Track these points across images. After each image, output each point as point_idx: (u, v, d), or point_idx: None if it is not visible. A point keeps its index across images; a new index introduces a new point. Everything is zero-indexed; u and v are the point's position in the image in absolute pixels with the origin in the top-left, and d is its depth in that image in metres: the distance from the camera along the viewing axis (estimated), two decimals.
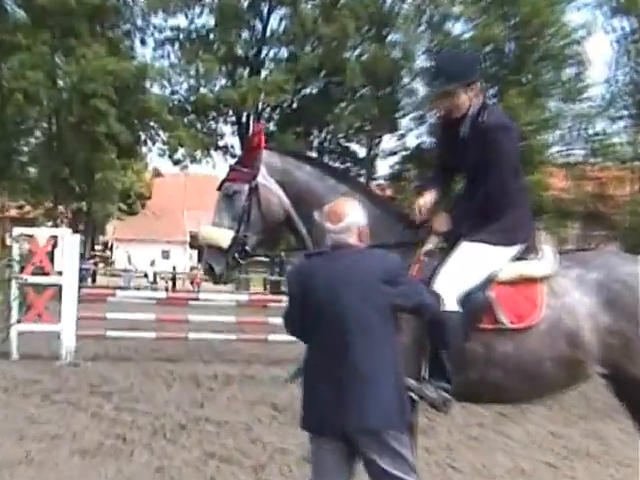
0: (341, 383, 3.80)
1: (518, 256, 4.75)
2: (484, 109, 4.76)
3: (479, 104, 4.78)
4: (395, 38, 38.84)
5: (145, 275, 47.32)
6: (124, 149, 36.86)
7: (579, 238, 37.41)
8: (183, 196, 66.88)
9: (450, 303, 4.42)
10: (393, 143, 41.16)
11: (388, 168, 41.17)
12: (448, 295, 4.43)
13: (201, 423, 8.66)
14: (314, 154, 34.95)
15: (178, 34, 39.13)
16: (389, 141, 44.05)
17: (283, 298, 14.25)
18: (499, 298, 4.59)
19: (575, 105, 34.91)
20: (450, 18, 36.40)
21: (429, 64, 34.46)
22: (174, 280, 48.56)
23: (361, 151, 41.72)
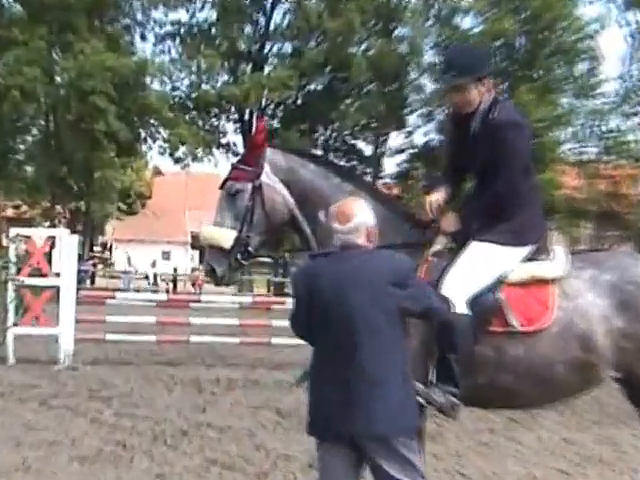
0: (348, 387, 3.80)
1: (529, 257, 4.74)
2: (495, 105, 4.75)
3: (490, 100, 4.78)
4: (402, 32, 38.84)
5: (146, 277, 47.43)
6: (123, 147, 36.93)
7: (592, 238, 37.33)
8: (184, 195, 66.85)
9: (459, 305, 4.42)
10: (400, 141, 41.24)
11: (395, 166, 41.26)
12: (457, 297, 4.43)
13: (203, 429, 8.65)
14: (319, 152, 34.95)
15: (179, 29, 39.20)
16: (396, 138, 44.17)
17: (287, 300, 14.31)
18: (509, 300, 4.58)
19: (588, 101, 34.88)
20: (459, 12, 36.34)
21: (438, 59, 34.42)
22: (175, 282, 48.62)
23: (367, 149, 41.80)
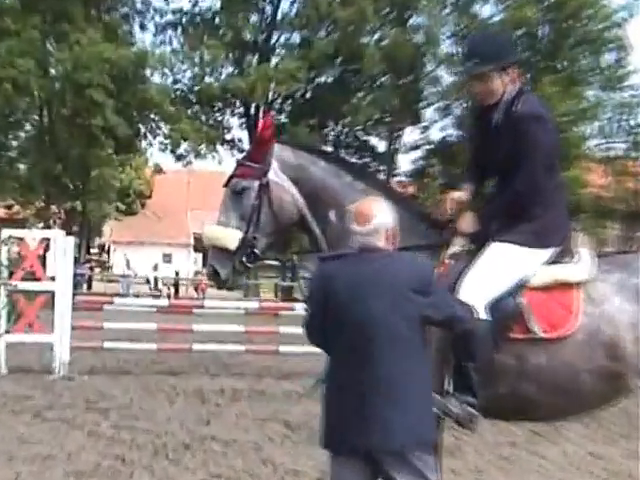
0: (364, 397, 3.78)
1: (552, 259, 4.72)
2: (519, 96, 4.72)
3: (515, 90, 4.75)
4: (418, 21, 38.91)
5: (147, 281, 47.46)
6: (122, 144, 36.95)
7: (620, 240, 37.25)
8: (186, 195, 66.87)
9: (478, 311, 4.40)
10: (415, 136, 41.34)
11: (410, 163, 41.37)
12: (476, 302, 4.40)
13: (207, 442, 8.65)
14: (329, 148, 34.95)
15: (181, 18, 39.31)
16: (411, 134, 44.09)
17: (295, 306, 14.32)
18: (531, 305, 4.57)
19: (615, 94, 34.85)
20: None
21: (455, 49, 34.41)
22: (177, 286, 48.64)
23: (380, 145, 41.88)
